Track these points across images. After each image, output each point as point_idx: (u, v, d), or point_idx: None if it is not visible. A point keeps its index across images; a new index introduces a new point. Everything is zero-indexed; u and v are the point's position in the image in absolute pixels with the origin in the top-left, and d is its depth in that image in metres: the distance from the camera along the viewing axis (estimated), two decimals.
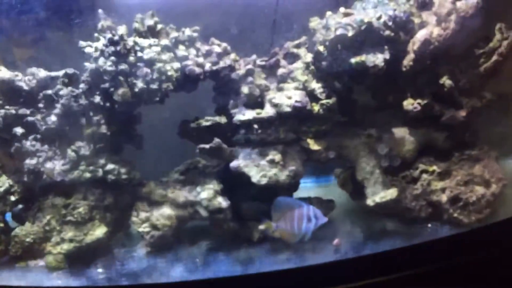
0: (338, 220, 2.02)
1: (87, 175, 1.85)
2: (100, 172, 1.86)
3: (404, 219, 1.93)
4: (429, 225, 1.92)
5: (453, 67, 1.81)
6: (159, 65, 1.76)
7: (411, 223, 1.93)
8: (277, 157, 1.82)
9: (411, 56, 1.78)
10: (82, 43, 1.78)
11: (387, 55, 1.71)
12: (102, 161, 1.86)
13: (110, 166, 1.86)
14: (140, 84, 1.76)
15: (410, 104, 1.86)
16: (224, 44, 1.84)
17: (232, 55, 1.84)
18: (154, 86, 1.77)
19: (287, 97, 1.80)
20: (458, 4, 1.73)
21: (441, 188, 1.89)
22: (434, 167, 1.91)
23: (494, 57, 1.79)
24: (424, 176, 1.92)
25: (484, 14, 1.75)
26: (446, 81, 1.80)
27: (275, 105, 1.80)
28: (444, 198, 1.87)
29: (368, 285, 1.75)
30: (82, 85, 1.76)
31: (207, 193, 1.88)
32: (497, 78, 1.80)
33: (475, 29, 1.75)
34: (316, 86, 1.83)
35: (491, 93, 1.88)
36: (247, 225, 1.96)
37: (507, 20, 1.81)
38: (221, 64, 1.82)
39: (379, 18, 1.72)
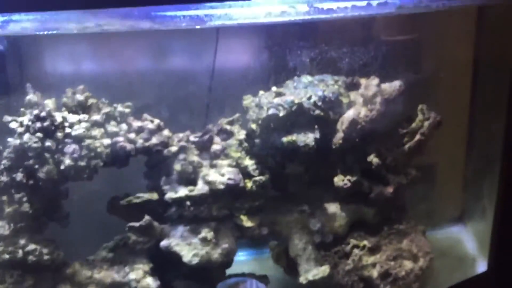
0: None
1: (6, 256, 1.73)
2: (20, 253, 1.74)
3: None
4: None
5: (379, 145, 1.88)
6: (88, 141, 1.71)
7: None
8: (209, 235, 1.80)
9: (340, 134, 1.83)
10: (7, 117, 1.71)
11: (317, 135, 1.76)
12: (22, 242, 1.75)
13: (31, 247, 1.75)
14: (67, 161, 1.70)
15: (340, 180, 1.90)
16: (157, 121, 1.83)
17: (165, 131, 1.82)
18: (82, 163, 1.71)
19: (220, 174, 1.80)
20: (383, 86, 1.83)
21: (372, 263, 1.91)
22: (365, 242, 1.94)
23: (417, 137, 1.89)
24: (356, 251, 1.93)
25: (406, 96, 1.85)
26: (373, 159, 1.86)
27: (208, 182, 1.79)
28: (375, 273, 1.90)
29: None
30: (4, 161, 1.67)
31: (136, 273, 1.80)
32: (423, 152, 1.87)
33: (398, 110, 1.84)
34: (249, 163, 1.84)
35: (415, 170, 1.95)
36: None
37: (428, 101, 1.91)
38: (154, 140, 1.80)
39: (309, 98, 1.78)
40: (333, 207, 1.95)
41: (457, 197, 2.43)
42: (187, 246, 1.79)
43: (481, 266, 2.11)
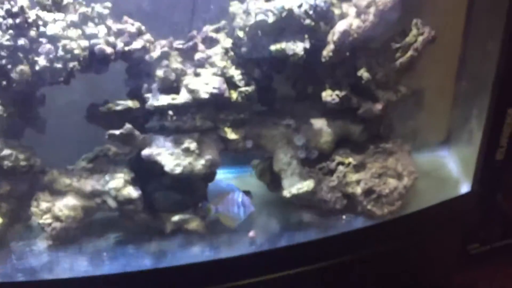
0: (254, 212, 1.95)
1: None
2: None
3: (320, 211, 1.93)
4: (344, 216, 1.94)
5: (370, 60, 1.81)
6: (64, 42, 1.62)
7: (327, 215, 1.94)
8: (193, 145, 1.75)
9: (330, 47, 1.76)
10: None
11: (307, 44, 1.69)
12: None
13: (6, 152, 1.70)
14: (42, 61, 1.60)
15: (328, 95, 1.84)
16: (138, 24, 1.73)
17: (147, 36, 1.73)
18: (59, 65, 1.62)
19: (205, 83, 1.73)
20: None
21: (356, 180, 1.90)
22: (350, 159, 1.92)
23: (410, 52, 1.82)
24: (340, 168, 1.92)
25: (401, 9, 1.76)
26: (363, 73, 1.81)
27: (191, 91, 1.72)
28: (358, 190, 1.89)
29: (283, 277, 1.77)
30: None
31: (116, 182, 1.77)
32: (412, 74, 1.82)
33: (392, 23, 1.76)
34: (235, 73, 1.77)
35: (406, 88, 1.90)
36: (160, 217, 1.86)
37: (423, 15, 1.83)
38: (134, 44, 1.71)
39: (300, 6, 1.69)
40: (319, 123, 1.91)
41: (443, 121, 2.39)
42: (170, 156, 1.74)
43: (464, 188, 2.10)
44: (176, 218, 1.83)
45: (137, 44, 1.71)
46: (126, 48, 1.70)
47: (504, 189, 2.07)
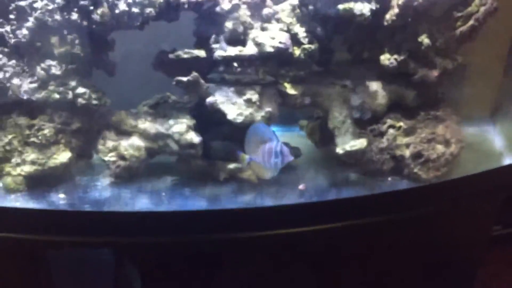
0: (303, 168, 2.06)
1: (56, 96, 1.77)
2: (70, 95, 1.78)
3: (367, 171, 1.99)
4: (389, 178, 1.99)
5: (432, 27, 1.85)
6: None
7: (373, 175, 1.99)
8: (254, 97, 1.82)
9: (394, 10, 1.81)
10: None
11: (373, 6, 1.73)
12: (73, 83, 1.79)
13: (81, 90, 1.79)
14: (121, 5, 1.69)
15: (387, 59, 1.89)
16: None
17: None
18: (136, 9, 1.70)
19: (271, 37, 1.79)
20: None
21: (406, 144, 1.95)
22: (401, 123, 1.97)
23: (471, 22, 1.85)
24: (391, 131, 1.97)
25: None
26: (424, 39, 1.84)
27: (258, 44, 1.78)
28: (407, 153, 1.94)
29: (326, 229, 1.84)
30: (58, 0, 1.66)
31: (180, 127, 1.85)
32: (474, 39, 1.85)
33: None
34: (299, 30, 1.83)
35: (462, 57, 1.93)
36: (215, 164, 1.95)
37: None
38: None
39: None
40: (374, 85, 1.96)
41: (489, 97, 2.41)
42: (232, 106, 1.82)
43: (507, 162, 2.14)
44: (231, 166, 1.91)
45: None
46: None
47: None
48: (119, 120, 1.87)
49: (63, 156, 1.82)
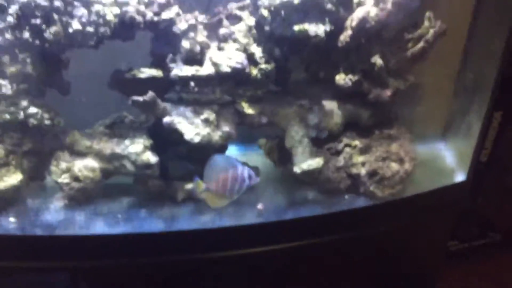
0: (261, 187, 2.05)
1: (7, 116, 1.73)
2: (21, 115, 1.74)
3: (324, 189, 2.02)
4: (346, 196, 2.02)
5: (384, 48, 1.90)
6: (97, 7, 1.68)
7: (330, 193, 2.02)
8: (212, 116, 1.82)
9: (348, 32, 1.84)
10: None
11: (328, 27, 1.76)
12: (24, 103, 1.74)
13: (33, 110, 1.75)
14: (75, 24, 1.66)
15: (342, 79, 1.92)
16: None
17: (175, 8, 1.79)
18: (90, 29, 1.68)
19: (228, 57, 1.79)
20: None
21: (361, 162, 1.98)
22: (357, 142, 2.00)
23: (421, 44, 1.91)
24: (347, 149, 2.00)
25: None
26: (377, 60, 1.89)
27: (214, 64, 1.79)
28: (363, 171, 1.98)
29: (285, 249, 1.87)
30: (10, 19, 1.62)
31: (136, 147, 1.82)
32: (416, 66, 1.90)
33: (408, 13, 1.85)
34: (256, 50, 1.84)
35: (414, 77, 1.99)
36: (172, 184, 1.93)
37: (436, 10, 1.92)
38: (163, 15, 1.77)
39: None
40: (331, 105, 1.99)
41: (441, 115, 2.48)
42: (189, 125, 1.81)
43: (459, 178, 2.20)
44: (189, 186, 1.89)
45: (166, 15, 1.76)
46: (155, 18, 1.75)
47: (484, 190, 2.19)
48: (73, 141, 1.83)
49: (13, 178, 1.77)
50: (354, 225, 1.98)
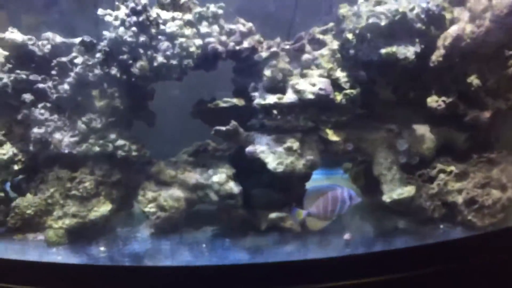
0: (348, 215, 1.95)
1: (96, 149, 1.78)
2: (110, 147, 1.79)
3: (416, 219, 1.90)
4: (441, 226, 1.89)
5: (481, 66, 1.76)
6: (181, 40, 1.69)
7: (423, 223, 1.89)
8: (295, 145, 1.77)
9: (440, 51, 1.73)
10: (101, 10, 1.69)
11: (418, 48, 1.66)
12: (113, 136, 1.80)
13: (120, 142, 1.80)
14: (160, 58, 1.69)
15: (434, 101, 1.81)
16: (249, 24, 1.77)
17: (257, 36, 1.77)
18: (174, 61, 1.70)
19: (311, 84, 1.74)
20: (494, 1, 1.68)
21: (458, 189, 1.85)
22: (452, 168, 1.87)
23: None
24: (441, 176, 1.88)
25: None
26: (474, 80, 1.76)
27: (297, 91, 1.74)
28: (460, 199, 1.83)
29: (377, 282, 1.71)
30: (98, 55, 1.67)
31: (219, 177, 1.81)
32: None
33: (508, 29, 1.70)
34: (340, 75, 1.78)
35: None
36: (256, 213, 1.90)
37: None
38: (245, 44, 1.75)
39: (412, 9, 1.67)
40: (422, 129, 1.88)
41: None
42: (272, 154, 1.77)
43: None
44: (273, 215, 1.84)
45: (247, 43, 1.73)
46: (237, 48, 1.74)
47: None
48: (158, 171, 1.85)
49: (103, 208, 1.82)
50: (451, 258, 1.80)
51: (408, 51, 1.67)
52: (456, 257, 1.79)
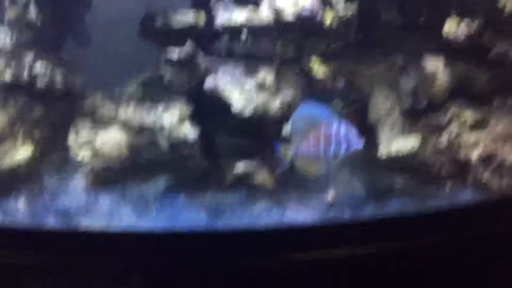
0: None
1: (7, 76, 1.44)
2: (25, 74, 1.44)
3: (418, 176, 1.63)
4: (448, 187, 1.64)
5: None
6: None
7: (427, 183, 1.63)
8: (269, 78, 1.45)
9: None
10: None
11: None
12: (28, 59, 1.44)
13: (39, 68, 1.45)
14: None
15: (454, 26, 1.50)
16: None
17: None
18: None
19: (293, 0, 1.41)
20: None
21: (473, 142, 1.57)
22: (468, 114, 1.59)
23: None
24: (454, 124, 1.60)
25: None
26: (509, 3, 1.45)
27: (275, 10, 1.41)
28: (475, 154, 1.56)
29: (366, 255, 1.49)
30: None
31: (172, 116, 1.50)
32: None
33: None
34: None
35: None
36: (219, 163, 1.62)
37: None
38: None
39: None
40: (434, 63, 1.56)
41: None
42: (239, 91, 1.46)
43: None
44: (240, 167, 1.57)
45: None
46: None
47: None
48: (94, 106, 1.53)
49: (22, 152, 1.54)
50: (457, 226, 1.58)
51: None
52: (464, 225, 1.57)
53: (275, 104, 1.46)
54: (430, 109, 1.62)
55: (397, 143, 1.51)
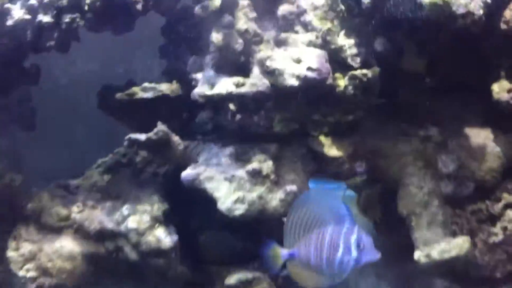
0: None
1: None
2: None
3: (464, 280, 1.38)
4: None
5: None
6: None
7: (477, 285, 1.39)
8: (266, 165, 1.22)
9: None
10: None
11: None
12: None
13: None
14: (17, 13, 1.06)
15: (503, 90, 1.27)
16: None
17: None
18: (46, 18, 1.05)
19: (294, 59, 1.20)
20: None
21: None
22: None
23: None
24: (509, 213, 1.36)
25: None
26: None
27: (270, 73, 1.19)
28: None
29: None
30: None
31: (139, 219, 1.22)
32: None
33: None
34: (345, 42, 1.24)
35: None
36: (207, 272, 1.37)
37: None
38: None
39: None
40: (480, 136, 1.36)
41: None
42: (227, 183, 1.22)
43: None
44: (233, 278, 1.31)
45: None
46: None
47: None
48: (39, 208, 1.27)
49: None
50: None
51: (470, 2, 1.07)
52: None
53: (275, 199, 1.17)
54: (478, 193, 1.38)
55: (438, 246, 1.21)
